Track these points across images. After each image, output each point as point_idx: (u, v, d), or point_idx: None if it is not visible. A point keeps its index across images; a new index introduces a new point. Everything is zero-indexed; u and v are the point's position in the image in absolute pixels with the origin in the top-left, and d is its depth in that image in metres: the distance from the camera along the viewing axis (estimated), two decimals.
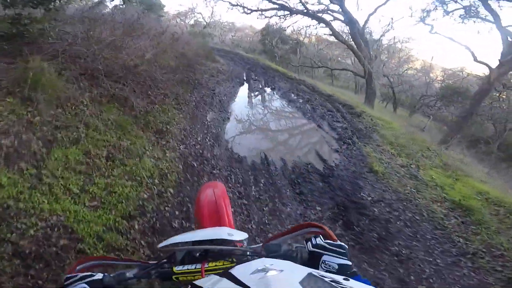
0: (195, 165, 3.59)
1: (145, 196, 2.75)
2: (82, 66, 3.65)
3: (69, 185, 2.34)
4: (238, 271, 0.61)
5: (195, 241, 0.84)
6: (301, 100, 7.84)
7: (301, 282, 0.51)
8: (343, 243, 0.77)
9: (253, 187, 3.49)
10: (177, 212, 2.77)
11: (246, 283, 0.53)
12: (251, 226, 2.88)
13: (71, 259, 1.83)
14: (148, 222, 2.49)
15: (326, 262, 0.73)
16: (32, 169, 2.25)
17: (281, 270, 0.56)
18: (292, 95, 8.36)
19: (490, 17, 9.32)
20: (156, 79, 4.88)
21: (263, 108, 7.18)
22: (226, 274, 0.60)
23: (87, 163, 2.61)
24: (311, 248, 0.77)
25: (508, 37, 8.67)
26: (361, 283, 0.60)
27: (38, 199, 2.06)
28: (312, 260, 0.75)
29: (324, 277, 0.55)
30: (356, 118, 6.92)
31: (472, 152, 10.06)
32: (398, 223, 3.20)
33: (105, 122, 3.17)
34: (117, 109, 3.57)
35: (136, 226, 2.38)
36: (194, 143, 4.18)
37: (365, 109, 8.23)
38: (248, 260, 0.79)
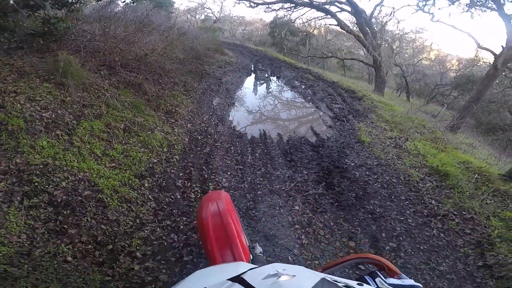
0: (199, 138, 4.15)
1: (155, 160, 3.33)
2: (101, 58, 4.29)
3: (94, 149, 2.93)
4: (250, 276, 0.59)
5: None
6: (303, 86, 8.21)
7: None
8: (414, 281, 0.67)
9: (249, 156, 4.00)
10: (181, 174, 3.33)
11: None
12: (244, 185, 3.38)
13: (92, 207, 2.26)
14: (156, 181, 3.04)
15: None
16: (65, 135, 2.87)
17: (293, 276, 0.55)
18: (296, 82, 8.74)
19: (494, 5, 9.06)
20: (166, 69, 5.48)
21: (266, 94, 7.65)
22: (238, 279, 0.59)
23: (108, 132, 3.22)
24: None
25: None
26: None
27: (70, 158, 2.61)
28: None
29: (337, 282, 0.54)
30: (356, 101, 7.20)
31: (488, 140, 9.92)
32: (375, 185, 3.53)
33: (122, 103, 3.78)
34: (132, 93, 4.19)
35: (146, 184, 2.93)
36: (199, 122, 4.74)
37: (368, 94, 8.42)
38: None
